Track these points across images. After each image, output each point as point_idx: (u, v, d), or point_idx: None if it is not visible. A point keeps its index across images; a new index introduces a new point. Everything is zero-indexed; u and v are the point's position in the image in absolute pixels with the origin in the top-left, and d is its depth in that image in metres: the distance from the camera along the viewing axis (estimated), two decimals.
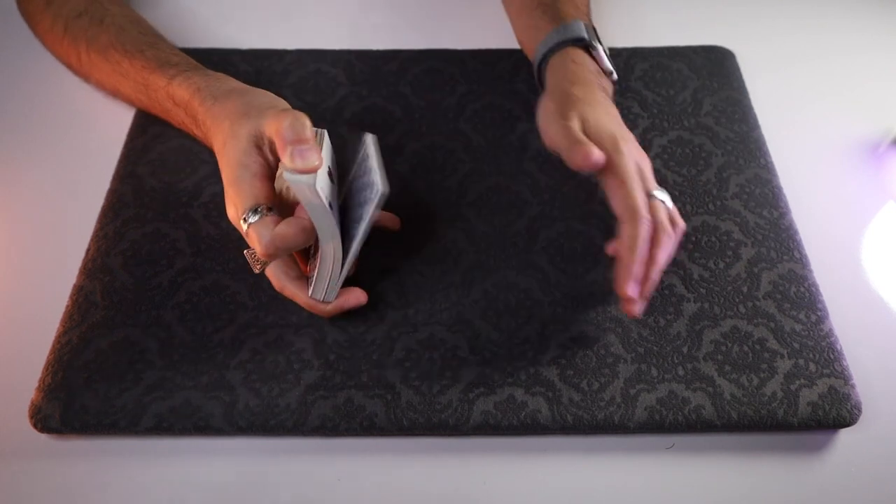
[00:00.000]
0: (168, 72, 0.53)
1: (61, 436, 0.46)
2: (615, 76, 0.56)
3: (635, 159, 0.48)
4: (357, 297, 0.48)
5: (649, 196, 0.47)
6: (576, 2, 0.59)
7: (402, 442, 0.46)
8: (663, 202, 0.48)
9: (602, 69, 0.55)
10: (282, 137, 0.42)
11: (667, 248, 0.46)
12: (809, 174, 0.59)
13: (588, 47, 0.55)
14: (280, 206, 0.46)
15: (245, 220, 0.43)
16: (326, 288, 0.46)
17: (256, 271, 0.47)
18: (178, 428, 0.45)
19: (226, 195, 0.46)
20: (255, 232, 0.43)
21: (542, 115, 0.52)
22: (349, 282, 0.48)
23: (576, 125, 0.48)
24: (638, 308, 0.46)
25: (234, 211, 0.45)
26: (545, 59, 0.55)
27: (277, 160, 0.46)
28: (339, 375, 0.46)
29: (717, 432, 0.46)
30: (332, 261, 0.45)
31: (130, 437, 0.46)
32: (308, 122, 0.43)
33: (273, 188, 0.46)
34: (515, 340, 0.48)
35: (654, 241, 0.46)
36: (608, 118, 0.50)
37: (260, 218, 0.43)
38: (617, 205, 0.47)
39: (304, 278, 0.48)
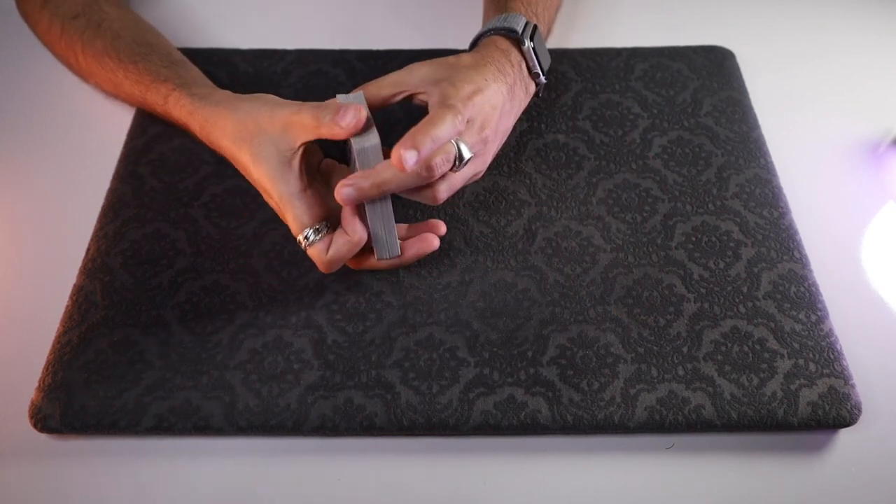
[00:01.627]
0: (161, 91, 0.53)
1: (61, 436, 0.46)
2: (542, 79, 0.55)
3: (461, 123, 0.46)
4: (429, 242, 0.49)
5: (456, 143, 0.46)
6: (530, 2, 0.58)
7: (402, 442, 0.46)
8: (460, 153, 0.46)
9: (528, 68, 0.54)
10: (320, 126, 0.45)
11: (401, 181, 0.45)
12: (809, 174, 0.59)
13: (518, 41, 0.54)
14: (329, 225, 0.48)
15: (301, 242, 0.47)
16: (387, 245, 0.48)
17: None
18: (178, 428, 0.45)
19: (277, 212, 0.49)
20: (314, 254, 0.47)
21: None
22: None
23: (407, 75, 0.51)
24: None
25: (289, 227, 0.49)
26: (475, 43, 0.56)
27: (310, 167, 0.49)
28: (339, 375, 0.46)
29: (717, 432, 0.46)
30: (379, 219, 0.47)
31: (130, 437, 0.46)
32: (316, 104, 0.46)
33: (317, 199, 0.48)
34: (514, 341, 0.48)
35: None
36: (474, 75, 0.49)
37: (313, 241, 0.47)
38: (419, 130, 0.45)
39: (370, 250, 0.49)
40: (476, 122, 0.48)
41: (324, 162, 0.51)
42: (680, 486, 0.44)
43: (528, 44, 0.53)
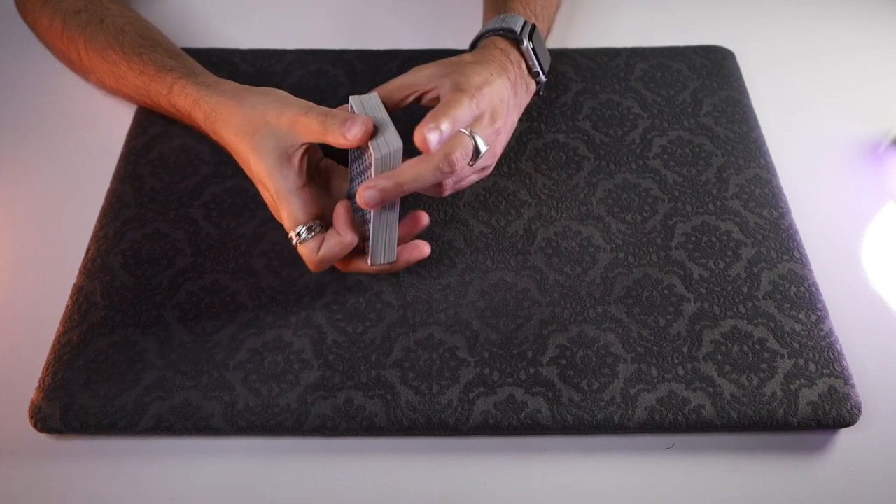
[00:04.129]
0: (166, 80, 0.53)
1: (61, 436, 0.46)
2: (542, 78, 0.55)
3: (478, 105, 0.47)
4: (419, 251, 0.49)
5: (470, 133, 0.46)
6: (529, 2, 0.58)
7: (401, 442, 0.46)
8: (476, 144, 0.46)
9: (528, 68, 0.55)
10: (326, 133, 0.45)
11: (426, 176, 0.45)
12: (809, 174, 0.59)
13: (517, 41, 0.54)
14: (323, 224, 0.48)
15: (292, 239, 0.47)
16: (381, 251, 0.47)
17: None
18: (178, 428, 0.45)
19: (269, 206, 0.50)
20: (304, 251, 0.47)
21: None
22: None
23: (418, 77, 0.50)
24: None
25: (280, 221, 0.49)
26: (474, 44, 0.56)
27: (309, 165, 0.48)
28: (339, 375, 0.46)
29: (717, 432, 0.46)
30: (377, 221, 0.46)
31: (130, 437, 0.46)
32: (325, 109, 0.46)
33: (313, 196, 0.47)
34: (514, 341, 0.48)
35: (425, 158, 0.45)
36: (477, 70, 0.49)
37: (304, 238, 0.47)
38: (439, 111, 0.46)
39: (363, 253, 0.48)
40: (486, 114, 0.48)
41: (323, 161, 0.51)
42: (680, 486, 0.44)
43: (526, 43, 0.54)
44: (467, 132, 0.46)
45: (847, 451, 0.46)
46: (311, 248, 0.46)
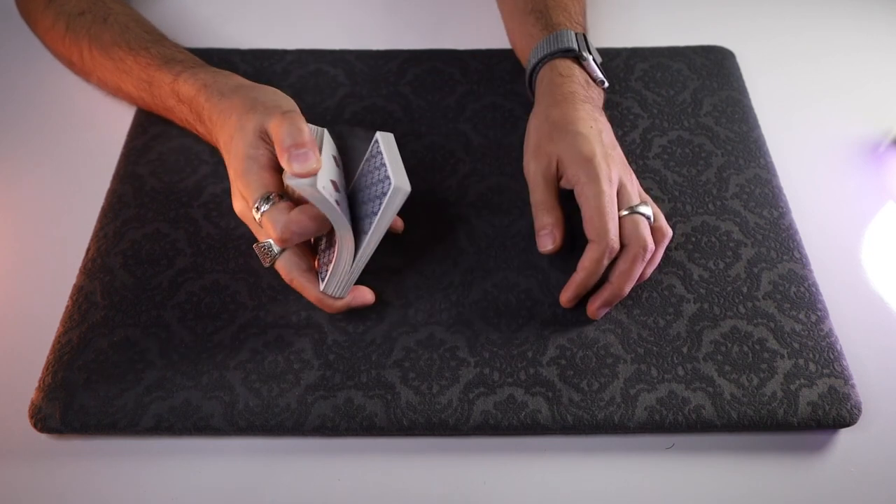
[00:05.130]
0: (174, 68, 0.54)
1: (61, 436, 0.46)
2: (606, 84, 0.56)
3: (610, 178, 0.48)
4: (364, 295, 0.48)
5: (631, 210, 0.48)
6: (568, 9, 0.59)
7: (402, 442, 0.46)
8: (645, 216, 0.48)
9: (592, 79, 0.55)
10: (280, 144, 0.43)
11: (637, 266, 0.47)
12: (809, 174, 0.59)
13: (578, 58, 0.55)
14: (289, 197, 0.46)
15: (257, 208, 0.44)
16: (341, 284, 0.46)
17: (266, 265, 0.46)
18: (178, 428, 0.45)
19: (233, 188, 0.47)
20: (270, 218, 0.43)
21: (525, 144, 0.54)
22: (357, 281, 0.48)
23: (545, 167, 0.50)
24: (596, 311, 0.48)
25: (242, 203, 0.47)
26: (535, 70, 0.56)
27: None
28: (339, 375, 0.46)
29: (717, 432, 0.46)
30: (346, 254, 0.45)
31: (130, 437, 0.46)
32: (304, 127, 0.44)
33: (281, 179, 0.46)
34: (515, 341, 0.48)
35: (625, 258, 0.47)
36: (582, 140, 0.50)
37: (272, 205, 0.44)
38: (585, 225, 0.48)
39: (314, 272, 0.48)
40: (615, 176, 0.49)
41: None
42: (680, 486, 0.44)
43: (587, 56, 0.54)
44: (626, 211, 0.48)
45: (847, 451, 0.46)
46: (280, 210, 0.43)
